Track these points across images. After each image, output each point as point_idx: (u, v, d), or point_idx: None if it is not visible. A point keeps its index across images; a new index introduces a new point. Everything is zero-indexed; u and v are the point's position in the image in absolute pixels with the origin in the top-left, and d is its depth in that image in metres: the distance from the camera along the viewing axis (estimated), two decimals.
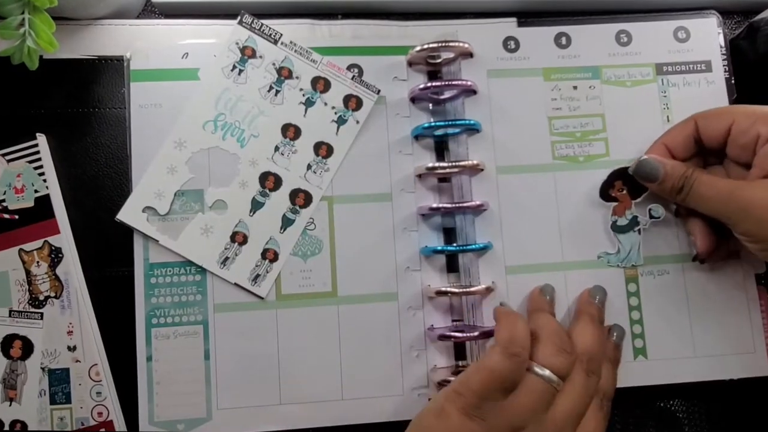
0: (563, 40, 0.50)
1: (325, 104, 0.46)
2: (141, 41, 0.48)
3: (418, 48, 0.48)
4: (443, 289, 0.45)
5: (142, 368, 0.44)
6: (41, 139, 0.46)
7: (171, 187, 0.45)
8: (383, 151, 0.48)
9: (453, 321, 0.47)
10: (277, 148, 0.46)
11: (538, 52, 0.49)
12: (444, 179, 0.48)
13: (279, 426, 0.45)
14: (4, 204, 0.45)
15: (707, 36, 0.50)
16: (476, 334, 0.44)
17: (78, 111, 0.48)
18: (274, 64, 0.46)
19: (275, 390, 0.45)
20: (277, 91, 0.45)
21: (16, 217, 0.45)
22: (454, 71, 0.49)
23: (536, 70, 0.49)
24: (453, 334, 0.45)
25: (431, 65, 0.50)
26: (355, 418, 0.45)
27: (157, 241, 0.45)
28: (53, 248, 0.45)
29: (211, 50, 0.48)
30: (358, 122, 0.46)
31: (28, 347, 0.45)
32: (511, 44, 0.49)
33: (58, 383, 0.44)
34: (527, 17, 0.51)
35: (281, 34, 0.46)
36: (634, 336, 0.47)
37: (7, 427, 0.44)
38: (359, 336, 0.46)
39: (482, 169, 0.47)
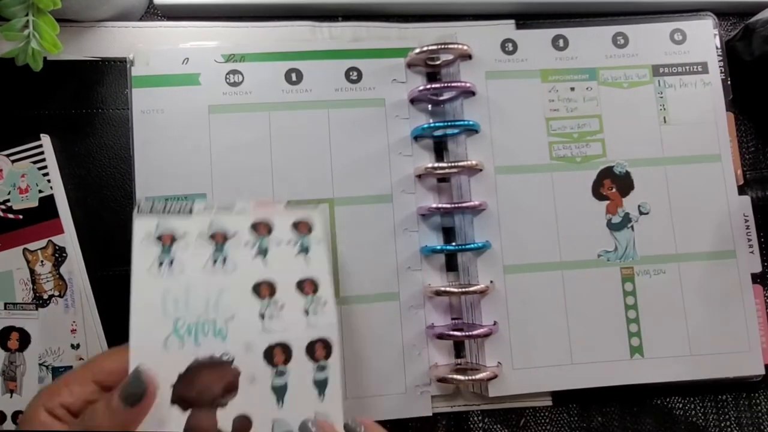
0: (561, 42, 0.50)
1: (278, 244, 0.39)
2: (143, 43, 0.48)
3: (417, 50, 0.48)
4: (442, 289, 0.46)
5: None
6: (45, 140, 0.47)
7: None
8: (383, 152, 0.48)
9: (452, 319, 0.47)
10: (262, 316, 0.37)
11: (535, 53, 0.50)
12: (443, 179, 0.49)
13: None
14: (9, 204, 0.46)
15: (703, 37, 0.51)
16: (474, 333, 0.45)
17: (81, 112, 0.48)
18: (201, 236, 0.38)
19: None
20: (224, 259, 0.38)
21: (21, 217, 0.46)
22: (453, 73, 0.49)
23: (534, 71, 0.50)
24: (451, 333, 0.45)
25: (430, 67, 0.50)
26: (358, 417, 0.45)
27: None
28: (57, 248, 0.46)
29: (211, 55, 0.48)
30: (320, 242, 0.40)
31: (25, 339, 0.45)
32: (509, 46, 0.50)
33: None
34: (525, 19, 0.51)
35: (192, 201, 0.39)
36: (631, 335, 0.47)
37: (9, 418, 0.45)
38: (361, 335, 0.46)
39: (481, 170, 0.47)
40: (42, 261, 0.46)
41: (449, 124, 0.48)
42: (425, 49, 0.48)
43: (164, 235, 0.38)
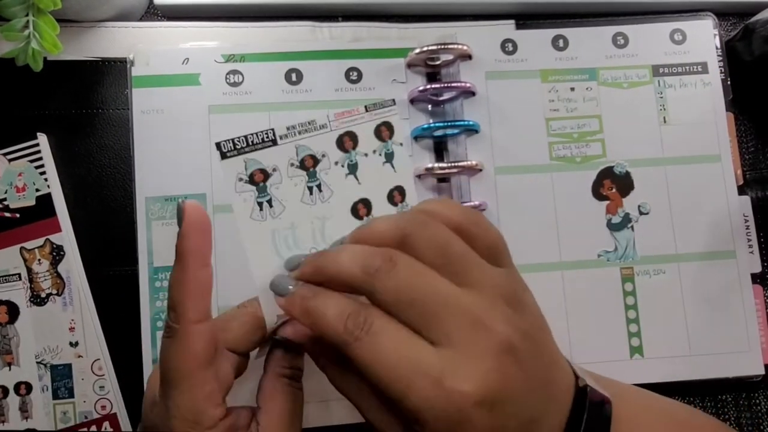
0: (560, 43, 0.50)
1: (366, 155, 0.38)
2: (143, 43, 0.48)
3: (417, 50, 0.48)
4: None
5: (148, 371, 0.44)
6: (42, 139, 0.47)
7: None
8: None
9: None
10: None
11: (535, 54, 0.50)
12: (443, 179, 0.49)
13: None
14: (6, 203, 0.46)
15: (703, 38, 0.51)
16: None
17: (82, 112, 0.48)
18: (292, 164, 0.37)
19: None
20: (319, 186, 0.37)
21: (18, 215, 0.46)
22: (453, 73, 0.49)
23: (534, 71, 0.50)
24: None
25: (430, 67, 0.50)
26: (358, 417, 0.45)
27: None
28: (54, 246, 0.46)
29: (211, 55, 0.48)
30: (401, 144, 0.39)
31: (13, 310, 0.45)
32: (509, 46, 0.50)
33: (61, 378, 0.45)
34: (525, 20, 0.51)
35: (273, 129, 0.37)
36: (631, 335, 0.47)
37: (12, 391, 0.45)
38: None
39: (481, 170, 0.47)
40: (39, 259, 0.46)
41: (449, 124, 0.48)
42: (425, 49, 0.48)
43: (255, 174, 0.36)
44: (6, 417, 0.44)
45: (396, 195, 0.39)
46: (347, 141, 0.38)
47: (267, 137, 0.36)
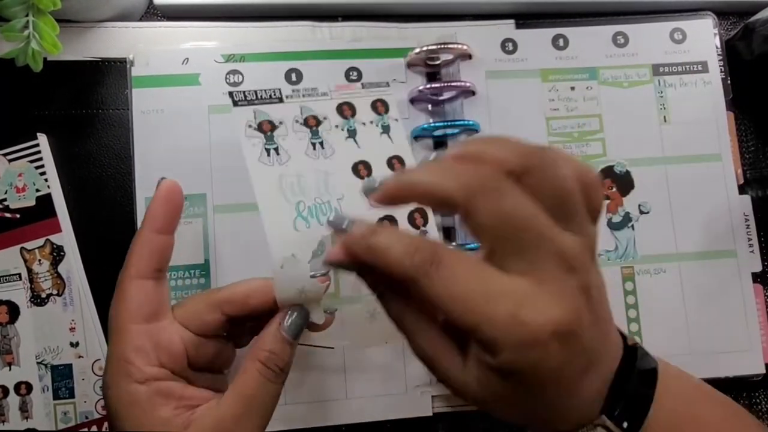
0: (561, 42, 0.50)
1: (364, 124, 0.41)
2: (143, 43, 0.48)
3: (417, 50, 0.48)
4: None
5: None
6: (42, 139, 0.47)
7: None
8: None
9: None
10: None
11: (535, 53, 0.50)
12: None
13: (285, 425, 0.45)
14: (6, 203, 0.46)
15: (703, 37, 0.51)
16: None
17: (81, 112, 0.48)
18: (297, 120, 0.40)
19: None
20: (321, 143, 0.40)
21: (18, 216, 0.46)
22: (453, 72, 0.49)
23: (534, 71, 0.50)
24: None
25: (430, 67, 0.50)
26: (359, 417, 0.45)
27: None
28: (55, 246, 0.46)
29: (211, 55, 0.48)
30: (397, 120, 0.42)
31: (14, 310, 0.45)
32: (509, 46, 0.50)
33: (61, 379, 0.45)
34: (525, 19, 0.51)
35: (279, 89, 0.40)
36: (631, 334, 0.47)
37: (12, 391, 0.45)
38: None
39: None
40: (39, 260, 0.46)
41: (449, 124, 0.48)
42: (425, 48, 0.48)
43: (263, 123, 0.39)
44: (6, 417, 0.44)
45: (395, 162, 0.41)
46: (346, 109, 0.41)
47: (274, 95, 0.40)
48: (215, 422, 0.33)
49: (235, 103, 0.39)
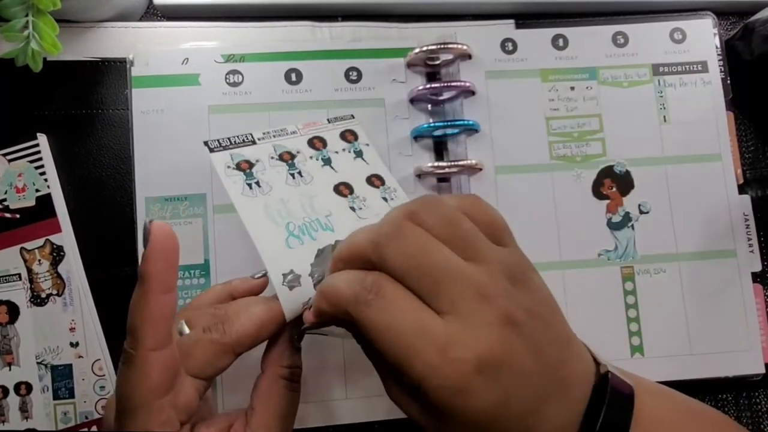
0: (560, 42, 0.50)
1: (336, 152, 0.44)
2: (143, 43, 0.48)
3: (417, 50, 0.48)
4: None
5: None
6: (42, 139, 0.47)
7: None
8: (382, 152, 0.48)
9: None
10: (353, 209, 0.41)
11: (535, 53, 0.50)
12: (443, 179, 0.49)
13: None
14: (6, 203, 0.46)
15: (703, 37, 0.51)
16: None
17: (81, 112, 0.48)
18: (272, 157, 0.41)
19: None
20: (300, 173, 0.41)
21: (18, 216, 0.46)
22: (453, 72, 0.49)
23: (534, 71, 0.50)
24: None
25: (430, 67, 0.50)
26: (359, 417, 0.45)
27: None
28: (55, 246, 0.46)
29: (210, 55, 0.48)
30: (368, 145, 0.45)
31: (14, 310, 0.45)
32: (508, 46, 0.50)
33: (61, 379, 0.45)
34: (525, 19, 0.51)
35: (250, 133, 0.42)
36: (631, 334, 0.47)
37: (12, 391, 0.45)
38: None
39: (481, 169, 0.47)
40: (39, 260, 0.45)
41: (449, 123, 0.48)
42: (425, 48, 0.48)
43: (241, 163, 0.40)
44: (6, 417, 0.44)
45: (374, 180, 0.43)
46: (317, 142, 0.44)
47: (247, 139, 0.42)
48: None
49: (212, 150, 0.40)
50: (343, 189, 0.42)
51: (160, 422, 0.31)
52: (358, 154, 0.44)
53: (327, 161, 0.43)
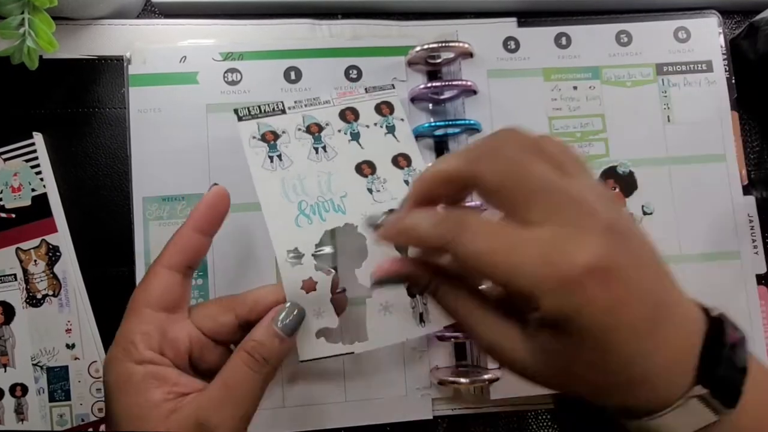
0: (563, 41, 0.50)
1: (367, 126, 0.43)
2: (141, 41, 0.48)
3: (417, 48, 0.48)
4: None
5: None
6: (38, 138, 0.46)
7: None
8: None
9: None
10: (370, 191, 0.41)
11: (538, 52, 0.49)
12: None
13: (284, 428, 0.44)
14: (1, 203, 0.46)
15: (708, 36, 0.50)
16: None
17: (78, 111, 0.48)
18: (299, 129, 0.42)
19: (279, 393, 0.45)
20: (324, 147, 0.42)
21: (13, 215, 0.46)
22: (454, 71, 0.49)
23: (536, 70, 0.49)
24: (452, 334, 0.45)
25: (431, 65, 0.50)
26: (359, 420, 0.45)
27: None
28: (51, 247, 0.45)
29: (209, 53, 0.48)
30: (402, 120, 0.44)
31: (9, 311, 0.45)
32: (511, 44, 0.49)
33: (57, 381, 0.44)
34: (527, 17, 0.51)
35: (282, 101, 0.43)
36: None
37: (7, 393, 0.45)
38: None
39: None
40: (35, 260, 0.45)
41: (450, 123, 0.47)
42: (426, 47, 0.48)
43: (266, 134, 0.41)
44: (1, 419, 0.44)
45: (401, 160, 0.43)
46: (349, 114, 0.43)
47: (277, 108, 0.42)
48: (196, 409, 0.33)
49: (240, 119, 0.41)
50: (365, 168, 0.42)
51: (141, 329, 0.35)
52: (390, 129, 0.44)
53: (355, 136, 0.43)
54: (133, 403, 0.34)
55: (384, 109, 0.44)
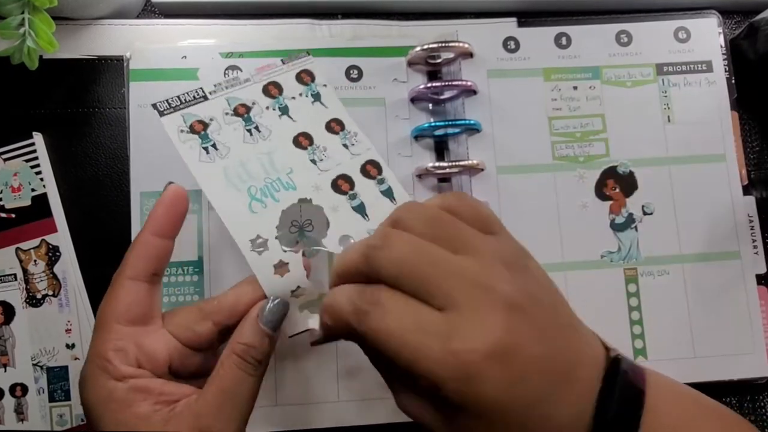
0: (563, 41, 0.50)
1: (293, 98, 0.42)
2: (141, 41, 0.48)
3: (418, 48, 0.48)
4: None
5: None
6: (38, 138, 0.46)
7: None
8: (382, 152, 0.47)
9: None
10: (314, 161, 0.41)
11: (538, 52, 0.49)
12: (444, 179, 0.48)
13: (276, 427, 0.44)
14: (1, 203, 0.46)
15: (708, 36, 0.50)
16: None
17: (78, 111, 0.48)
18: (227, 113, 0.41)
19: (271, 392, 0.45)
20: (257, 127, 0.41)
21: (13, 215, 0.46)
22: (454, 71, 0.49)
23: (536, 70, 0.49)
24: None
25: (431, 65, 0.50)
26: (352, 420, 0.45)
27: None
28: (51, 247, 0.45)
29: (209, 53, 0.48)
30: (326, 85, 0.43)
31: (9, 311, 0.45)
32: (511, 44, 0.49)
33: (57, 381, 0.44)
34: (527, 17, 0.51)
35: (201, 87, 0.41)
36: (634, 336, 0.46)
37: (7, 393, 0.45)
38: None
39: (482, 169, 0.47)
40: (35, 260, 0.45)
41: (450, 123, 0.47)
42: (426, 47, 0.48)
43: (194, 124, 0.40)
44: (1, 419, 0.44)
45: (334, 125, 0.42)
46: (272, 89, 0.42)
47: (198, 95, 0.41)
48: (195, 417, 0.33)
49: (162, 113, 0.39)
50: (302, 140, 0.41)
51: (114, 346, 0.34)
52: (316, 97, 0.43)
53: (284, 110, 0.42)
54: (121, 419, 0.33)
55: (305, 77, 0.43)
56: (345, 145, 0.42)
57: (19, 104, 0.47)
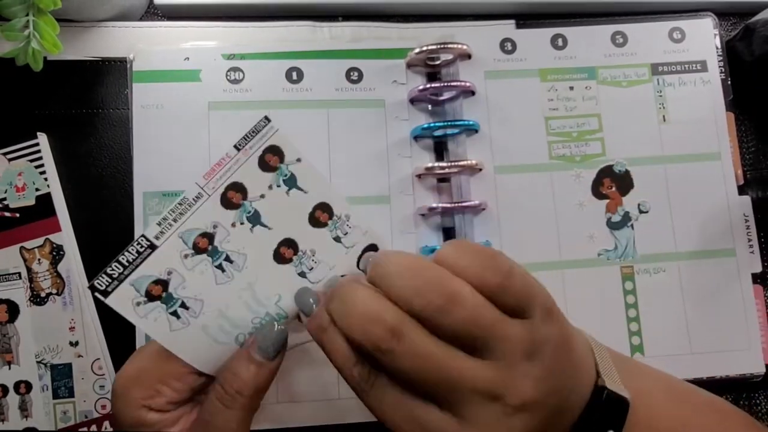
0: (559, 42, 0.50)
1: (262, 196, 0.34)
2: (144, 43, 0.48)
3: (417, 50, 0.48)
4: None
5: None
6: (42, 138, 0.47)
7: None
8: (382, 153, 0.48)
9: None
10: (302, 274, 0.35)
11: (534, 53, 0.50)
12: (443, 179, 0.49)
13: (275, 424, 0.45)
14: (6, 202, 0.46)
15: (703, 36, 0.51)
16: None
17: (81, 112, 0.48)
18: (186, 255, 0.33)
19: (272, 389, 0.45)
20: (227, 258, 0.34)
21: (17, 215, 0.46)
22: (453, 72, 0.49)
23: (533, 71, 0.50)
24: None
25: (430, 67, 0.50)
26: (352, 417, 0.45)
27: None
28: (54, 246, 0.46)
29: (211, 55, 0.48)
30: (299, 160, 0.34)
31: (13, 309, 0.45)
32: (508, 46, 0.50)
33: (61, 378, 0.45)
34: (524, 19, 0.51)
35: (142, 235, 0.32)
36: (631, 333, 0.47)
37: (12, 390, 0.45)
38: None
39: (480, 169, 0.47)
40: (39, 259, 0.45)
41: (449, 123, 0.48)
42: (425, 48, 0.48)
43: (151, 288, 0.33)
44: (6, 416, 0.44)
45: (319, 215, 0.35)
46: (233, 196, 0.34)
47: (141, 248, 0.33)
48: None
49: (105, 293, 0.32)
50: (284, 252, 0.34)
51: (138, 405, 0.33)
52: (290, 182, 0.34)
53: (254, 219, 0.34)
54: None
55: (270, 159, 0.34)
56: (337, 239, 0.35)
57: (23, 105, 0.48)
